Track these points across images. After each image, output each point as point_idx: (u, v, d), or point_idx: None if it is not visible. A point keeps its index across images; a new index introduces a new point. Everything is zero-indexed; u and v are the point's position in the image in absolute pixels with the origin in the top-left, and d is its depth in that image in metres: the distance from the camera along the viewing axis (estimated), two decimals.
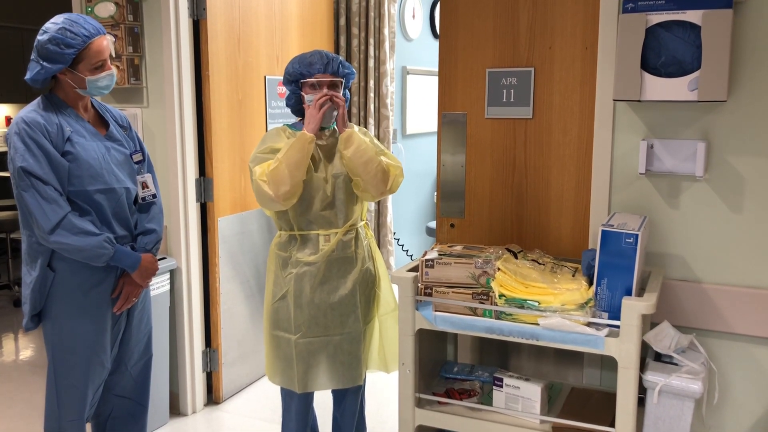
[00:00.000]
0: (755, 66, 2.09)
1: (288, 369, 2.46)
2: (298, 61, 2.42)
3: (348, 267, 2.46)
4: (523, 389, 2.14)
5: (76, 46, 2.18)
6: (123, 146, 2.39)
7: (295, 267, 2.42)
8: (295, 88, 2.44)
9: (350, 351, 2.48)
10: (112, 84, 2.32)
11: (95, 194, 2.25)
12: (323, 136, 2.47)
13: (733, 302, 2.18)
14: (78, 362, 2.31)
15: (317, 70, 2.39)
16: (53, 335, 2.31)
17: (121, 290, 2.35)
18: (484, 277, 2.06)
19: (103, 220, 2.28)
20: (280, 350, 2.46)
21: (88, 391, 2.35)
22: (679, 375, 1.93)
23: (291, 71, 2.43)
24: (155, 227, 2.46)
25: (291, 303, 2.42)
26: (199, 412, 3.42)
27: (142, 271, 2.35)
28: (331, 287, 2.43)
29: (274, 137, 2.42)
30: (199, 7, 3.22)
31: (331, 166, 2.44)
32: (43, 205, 2.14)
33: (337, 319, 2.45)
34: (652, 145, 2.21)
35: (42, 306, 2.29)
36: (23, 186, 2.15)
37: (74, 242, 2.17)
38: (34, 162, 2.13)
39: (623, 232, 1.92)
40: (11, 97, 6.98)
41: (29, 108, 2.23)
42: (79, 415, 2.34)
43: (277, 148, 2.37)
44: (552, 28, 2.35)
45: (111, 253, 2.24)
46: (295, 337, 2.42)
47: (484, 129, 2.50)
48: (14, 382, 3.82)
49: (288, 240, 2.45)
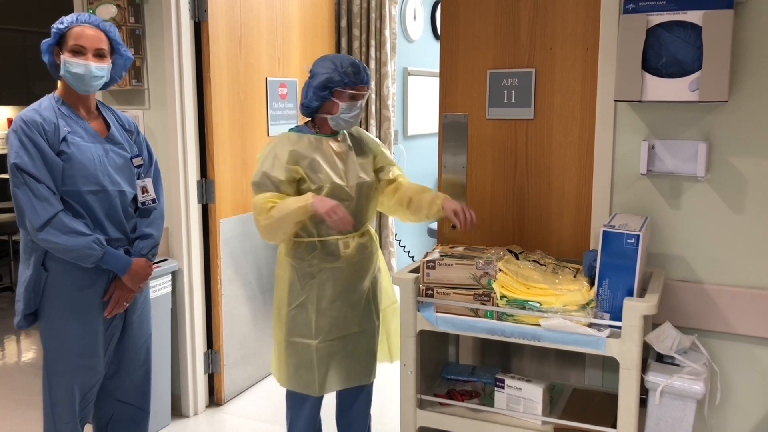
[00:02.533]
0: (756, 66, 2.09)
1: (308, 373, 2.41)
2: (341, 68, 2.30)
3: (366, 267, 2.46)
4: (525, 390, 2.14)
5: (65, 23, 2.27)
6: (124, 149, 2.39)
7: (318, 274, 2.38)
8: (327, 94, 2.33)
9: (366, 348, 2.49)
10: (91, 77, 2.26)
11: (87, 195, 2.25)
12: (336, 140, 2.42)
13: (734, 303, 2.18)
14: (67, 364, 2.31)
15: (361, 80, 2.33)
16: (46, 335, 2.33)
17: (112, 293, 2.35)
18: (485, 278, 2.06)
19: (95, 222, 2.28)
20: (298, 356, 2.42)
21: (76, 394, 2.34)
22: (680, 376, 1.93)
23: (336, 79, 2.30)
24: (152, 232, 2.44)
25: (312, 309, 2.38)
26: (201, 414, 3.42)
27: (132, 275, 2.34)
28: (351, 289, 2.43)
29: (279, 145, 2.35)
30: (201, 9, 3.22)
31: (351, 173, 2.40)
32: (35, 203, 2.16)
33: (356, 318, 2.45)
34: (654, 146, 2.21)
35: (36, 306, 2.31)
36: (16, 183, 2.18)
37: (63, 241, 2.17)
38: (28, 159, 2.16)
39: (624, 233, 1.92)
40: (12, 99, 6.98)
41: (30, 107, 2.27)
42: (71, 417, 2.35)
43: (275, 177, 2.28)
44: (553, 29, 2.35)
45: (100, 254, 2.24)
46: (315, 342, 2.39)
47: (485, 130, 2.50)
48: (16, 384, 3.82)
49: (306, 247, 2.38)
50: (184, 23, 3.17)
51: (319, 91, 2.32)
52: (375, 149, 2.52)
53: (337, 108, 2.34)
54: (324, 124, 2.40)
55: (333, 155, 2.38)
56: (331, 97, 2.33)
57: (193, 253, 3.31)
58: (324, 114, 2.37)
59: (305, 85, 2.38)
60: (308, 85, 2.37)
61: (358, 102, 2.35)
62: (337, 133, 2.44)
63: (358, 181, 2.40)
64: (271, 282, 3.78)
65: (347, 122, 2.38)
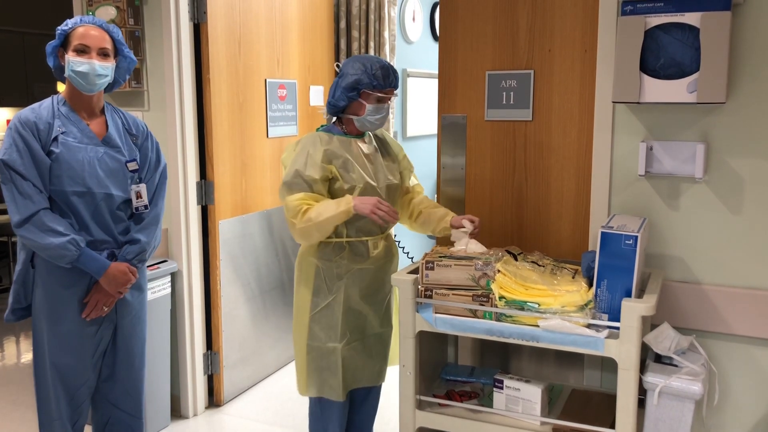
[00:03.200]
0: (754, 67, 2.09)
1: (332, 378, 2.41)
2: (371, 70, 2.30)
3: (389, 269, 2.48)
4: (524, 391, 2.15)
5: (70, 25, 2.30)
6: (120, 153, 2.38)
7: (345, 275, 2.37)
8: (355, 95, 2.33)
9: (380, 350, 2.51)
10: (94, 76, 2.28)
11: (72, 196, 2.26)
12: (363, 142, 2.43)
13: (733, 303, 2.19)
14: (48, 360, 2.33)
15: (390, 83, 2.33)
16: (34, 331, 2.36)
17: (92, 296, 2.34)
18: (484, 279, 2.06)
19: (80, 223, 2.29)
20: (322, 360, 2.41)
21: (60, 391, 2.35)
22: (679, 376, 1.94)
23: (365, 81, 2.30)
24: (141, 238, 2.41)
25: (338, 311, 2.38)
26: (201, 415, 3.42)
27: (109, 278, 2.30)
28: (376, 290, 2.45)
29: (310, 145, 2.34)
30: (200, 11, 3.23)
31: (379, 174, 2.41)
32: (17, 199, 2.19)
33: (377, 320, 2.47)
34: (652, 147, 2.22)
35: (26, 301, 2.34)
36: (4, 179, 2.21)
37: (39, 239, 2.19)
38: (17, 157, 2.19)
39: (623, 234, 1.93)
40: (12, 101, 6.99)
41: (30, 106, 2.31)
42: (57, 414, 2.36)
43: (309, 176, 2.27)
44: (551, 30, 2.36)
45: (75, 255, 2.23)
46: (341, 345, 2.39)
47: (483, 131, 2.50)
48: (16, 385, 3.82)
49: (334, 248, 2.37)
50: (183, 25, 3.18)
51: (347, 92, 2.33)
52: (398, 153, 2.55)
53: (363, 109, 2.35)
54: (350, 124, 2.41)
55: (362, 156, 2.39)
56: (358, 98, 2.34)
57: (193, 254, 3.31)
58: (350, 114, 2.38)
59: (333, 84, 2.39)
60: (336, 85, 2.37)
61: (385, 105, 2.37)
62: (363, 134, 2.45)
63: (387, 183, 2.42)
64: (270, 283, 3.78)
65: (373, 124, 2.39)
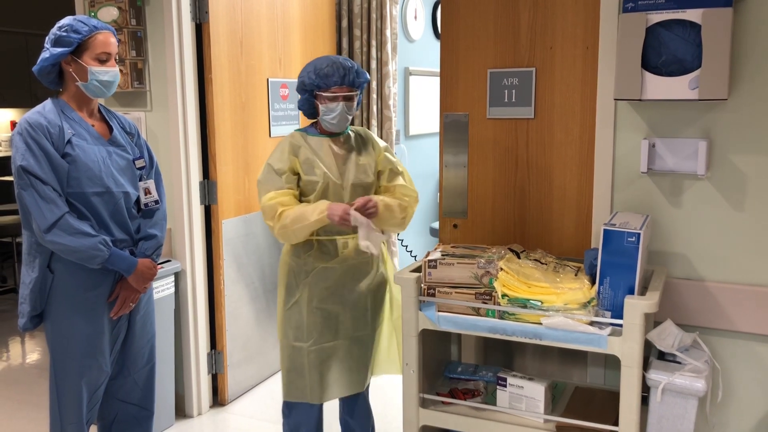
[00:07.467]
0: (756, 64, 2.09)
1: (299, 379, 2.42)
2: (314, 71, 2.34)
3: (364, 271, 2.47)
4: (527, 389, 2.15)
5: (84, 32, 2.25)
6: (126, 152, 2.40)
7: (311, 272, 2.40)
8: (309, 96, 2.39)
9: (359, 356, 2.48)
10: (115, 83, 2.33)
11: (92, 197, 2.26)
12: (338, 141, 2.45)
13: (736, 300, 2.18)
14: (74, 364, 2.32)
15: (334, 83, 2.33)
16: (52, 337, 2.34)
17: (118, 294, 2.36)
18: (486, 277, 2.06)
19: (100, 223, 2.29)
20: (291, 360, 2.43)
21: (84, 394, 2.35)
22: (682, 373, 1.94)
23: (307, 82, 2.35)
24: (156, 233, 2.46)
25: (304, 309, 2.40)
26: (205, 414, 3.43)
27: (138, 275, 2.35)
28: (345, 291, 2.43)
29: (284, 142, 2.41)
30: (202, 11, 3.23)
31: (348, 173, 2.42)
32: (41, 204, 2.17)
33: (349, 322, 2.45)
34: (654, 144, 2.21)
35: (42, 307, 2.32)
36: (22, 185, 2.19)
37: (69, 242, 2.19)
38: (34, 162, 2.17)
39: (625, 231, 1.93)
40: (16, 102, 7.01)
41: (34, 110, 2.28)
42: (77, 417, 2.36)
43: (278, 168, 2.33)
44: (553, 28, 2.35)
45: (106, 255, 2.25)
46: (307, 345, 2.40)
47: (485, 129, 2.50)
48: (22, 386, 3.83)
49: (304, 246, 2.40)
50: (185, 25, 3.18)
51: (300, 94, 2.41)
52: (378, 152, 2.54)
53: (319, 111, 2.39)
54: (320, 124, 2.45)
55: (332, 155, 2.41)
56: (314, 99, 2.39)
57: (196, 254, 3.32)
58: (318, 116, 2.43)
59: None
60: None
61: (338, 104, 2.35)
62: (340, 134, 2.46)
63: (354, 182, 2.41)
64: (274, 282, 3.79)
65: (330, 124, 2.40)
